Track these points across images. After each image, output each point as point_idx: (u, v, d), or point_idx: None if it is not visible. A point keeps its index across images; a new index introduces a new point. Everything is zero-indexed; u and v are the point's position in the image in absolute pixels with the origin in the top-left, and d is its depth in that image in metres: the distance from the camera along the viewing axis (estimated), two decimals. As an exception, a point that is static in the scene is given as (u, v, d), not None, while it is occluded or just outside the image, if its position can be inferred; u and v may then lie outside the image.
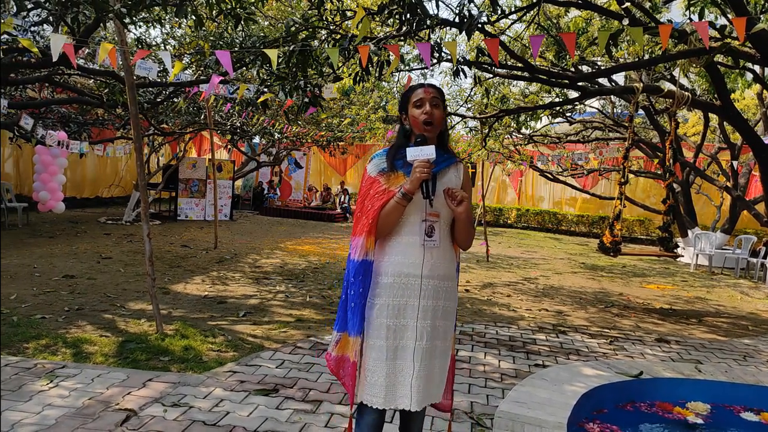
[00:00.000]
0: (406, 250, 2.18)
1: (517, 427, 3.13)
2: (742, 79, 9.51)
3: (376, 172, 2.24)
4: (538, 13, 6.85)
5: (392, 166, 2.23)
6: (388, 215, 2.15)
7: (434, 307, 2.18)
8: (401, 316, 2.16)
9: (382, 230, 2.19)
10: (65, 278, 6.36)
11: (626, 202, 8.11)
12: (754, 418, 3.86)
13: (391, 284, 2.17)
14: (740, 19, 3.85)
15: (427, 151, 2.10)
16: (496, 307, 6.46)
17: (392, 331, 2.15)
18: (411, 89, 2.28)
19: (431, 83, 2.28)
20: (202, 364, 3.92)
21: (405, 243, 2.19)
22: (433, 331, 2.17)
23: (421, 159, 2.09)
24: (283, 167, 18.64)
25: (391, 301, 2.16)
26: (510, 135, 13.16)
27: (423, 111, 2.19)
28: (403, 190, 2.12)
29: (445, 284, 2.22)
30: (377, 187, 2.21)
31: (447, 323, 2.24)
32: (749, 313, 7.13)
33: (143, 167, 4.87)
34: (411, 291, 2.16)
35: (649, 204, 14.70)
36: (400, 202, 2.13)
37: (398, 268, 2.17)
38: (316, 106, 5.52)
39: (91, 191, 15.64)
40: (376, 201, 2.18)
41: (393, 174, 2.22)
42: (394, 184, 2.20)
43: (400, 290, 2.16)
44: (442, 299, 2.21)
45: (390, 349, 2.14)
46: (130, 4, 4.39)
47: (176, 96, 8.92)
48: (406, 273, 2.16)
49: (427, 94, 2.21)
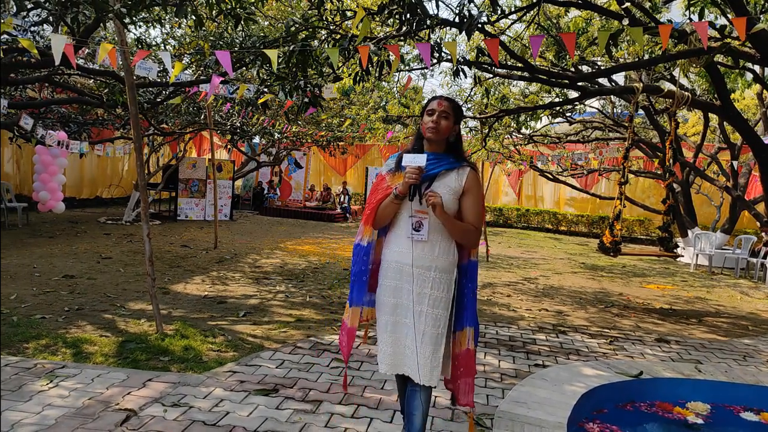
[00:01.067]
0: (398, 240, 2.56)
1: (517, 427, 3.13)
2: (742, 79, 9.52)
3: (386, 170, 2.64)
4: (538, 13, 6.85)
5: (398, 167, 2.56)
6: (384, 209, 2.55)
7: (420, 293, 2.50)
8: (398, 296, 2.54)
9: (379, 221, 2.59)
10: (65, 278, 6.36)
11: (626, 202, 8.11)
12: (754, 418, 3.86)
13: (391, 268, 2.57)
14: (740, 19, 3.85)
15: (419, 159, 2.42)
16: (496, 307, 6.46)
17: (391, 308, 2.56)
18: (430, 99, 2.59)
19: (448, 97, 2.60)
20: (202, 364, 3.92)
21: (398, 235, 2.57)
22: (420, 315, 2.49)
23: (413, 166, 2.41)
24: (283, 167, 18.64)
25: (391, 283, 2.56)
26: (510, 135, 13.16)
27: (431, 119, 2.51)
28: (396, 190, 2.48)
29: (431, 274, 2.51)
30: (382, 184, 2.60)
31: (437, 311, 2.50)
32: (749, 313, 7.13)
33: (143, 167, 4.87)
34: (405, 276, 2.53)
35: (649, 204, 14.70)
36: (393, 201, 2.50)
37: (394, 256, 2.57)
38: (316, 106, 5.52)
39: (90, 191, 15.63)
40: (378, 195, 2.57)
41: (397, 174, 2.56)
42: (396, 182, 2.53)
43: (396, 273, 2.55)
44: (428, 287, 2.50)
45: (389, 323, 2.56)
46: (130, 4, 4.39)
47: (176, 95, 8.91)
48: (398, 260, 2.55)
49: (439, 106, 2.53)
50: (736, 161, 11.34)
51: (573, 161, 13.39)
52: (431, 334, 2.48)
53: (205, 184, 14.03)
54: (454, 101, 2.58)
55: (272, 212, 16.78)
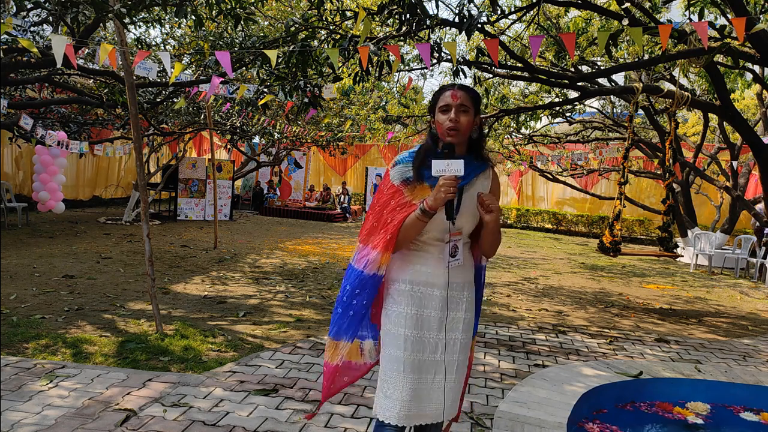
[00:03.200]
0: (423, 260, 2.06)
1: (516, 427, 3.13)
2: (742, 79, 9.52)
3: (399, 181, 2.05)
4: (537, 13, 6.86)
5: (419, 176, 2.03)
6: (407, 230, 1.99)
7: (454, 319, 2.07)
8: (420, 327, 2.03)
9: (401, 245, 2.04)
10: (65, 278, 6.35)
11: (626, 202, 8.11)
12: (754, 418, 3.87)
13: (409, 292, 2.05)
14: (740, 19, 3.85)
15: (455, 166, 1.89)
16: (496, 307, 6.46)
17: (410, 343, 2.02)
18: (441, 90, 2.07)
19: (462, 85, 2.07)
20: (201, 364, 3.92)
21: (427, 258, 2.06)
22: (454, 344, 2.06)
23: (448, 175, 1.89)
24: (282, 167, 18.65)
25: (410, 311, 2.03)
26: (510, 135, 13.17)
27: (448, 117, 2.00)
28: (424, 206, 1.94)
29: (465, 295, 2.10)
30: (399, 199, 2.03)
31: (467, 336, 2.12)
32: (749, 313, 7.13)
33: (143, 167, 4.87)
34: (430, 301, 2.04)
35: (648, 204, 14.71)
36: (421, 218, 1.96)
37: (417, 276, 2.05)
38: (316, 107, 5.52)
39: (90, 191, 15.63)
40: (397, 214, 2.00)
41: (419, 185, 2.03)
42: (419, 196, 2.01)
43: (418, 299, 2.04)
44: (462, 310, 2.09)
45: (408, 362, 2.01)
46: (130, 4, 4.39)
47: (176, 96, 8.92)
48: (425, 282, 2.04)
49: (455, 99, 2.00)
50: (736, 161, 11.34)
51: (573, 161, 13.40)
52: (461, 363, 2.10)
53: (205, 184, 14.03)
54: (471, 89, 2.06)
55: (272, 212, 16.79)
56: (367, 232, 2.08)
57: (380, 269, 2.04)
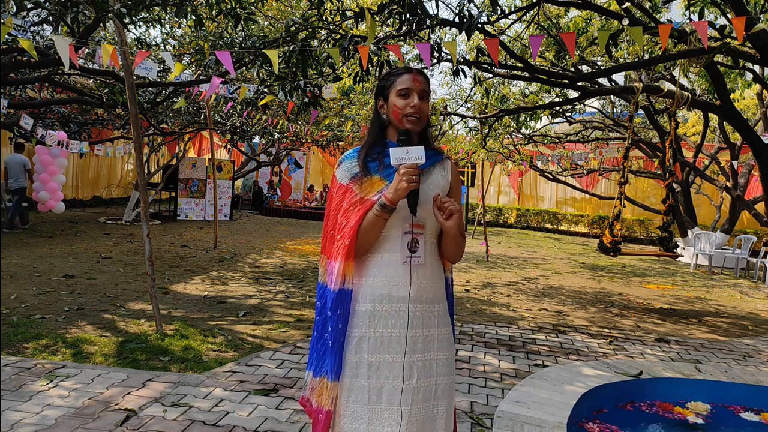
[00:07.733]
0: (387, 270, 1.79)
1: (516, 427, 3.13)
2: (742, 79, 9.52)
3: (348, 179, 1.84)
4: (538, 13, 6.86)
5: (366, 169, 1.82)
6: (367, 231, 1.76)
7: (426, 337, 1.80)
8: (385, 351, 1.76)
9: (362, 248, 1.79)
10: (65, 278, 6.35)
11: (626, 202, 8.11)
12: (754, 418, 3.87)
13: (371, 312, 1.78)
14: (740, 19, 3.85)
15: (416, 153, 1.71)
16: (496, 307, 6.46)
17: (374, 369, 1.75)
18: (396, 73, 1.86)
19: (420, 69, 1.87)
20: (201, 364, 3.92)
21: (385, 262, 1.80)
22: (429, 366, 1.80)
23: (409, 163, 1.70)
24: (282, 167, 18.65)
25: (372, 333, 1.77)
26: (510, 135, 13.17)
27: (410, 104, 1.80)
28: (383, 199, 1.72)
29: (436, 308, 1.85)
30: (351, 197, 1.81)
31: (447, 354, 1.85)
32: (749, 313, 7.13)
33: (143, 167, 4.87)
34: (396, 319, 1.77)
35: (648, 204, 14.71)
36: (380, 214, 1.73)
37: (379, 291, 1.78)
38: (316, 107, 5.52)
39: (90, 191, 15.63)
40: (351, 215, 1.78)
41: (367, 179, 1.82)
42: (369, 191, 1.80)
43: (382, 319, 1.77)
44: (435, 326, 1.83)
45: (373, 390, 1.75)
46: (130, 4, 4.39)
47: (176, 96, 8.92)
48: (389, 297, 1.78)
49: (417, 83, 1.81)
50: (736, 161, 11.34)
51: (573, 161, 13.40)
52: (445, 386, 1.83)
53: (205, 184, 14.03)
54: (426, 74, 1.87)
55: (272, 212, 16.79)
56: (326, 242, 1.88)
57: (345, 282, 1.79)
